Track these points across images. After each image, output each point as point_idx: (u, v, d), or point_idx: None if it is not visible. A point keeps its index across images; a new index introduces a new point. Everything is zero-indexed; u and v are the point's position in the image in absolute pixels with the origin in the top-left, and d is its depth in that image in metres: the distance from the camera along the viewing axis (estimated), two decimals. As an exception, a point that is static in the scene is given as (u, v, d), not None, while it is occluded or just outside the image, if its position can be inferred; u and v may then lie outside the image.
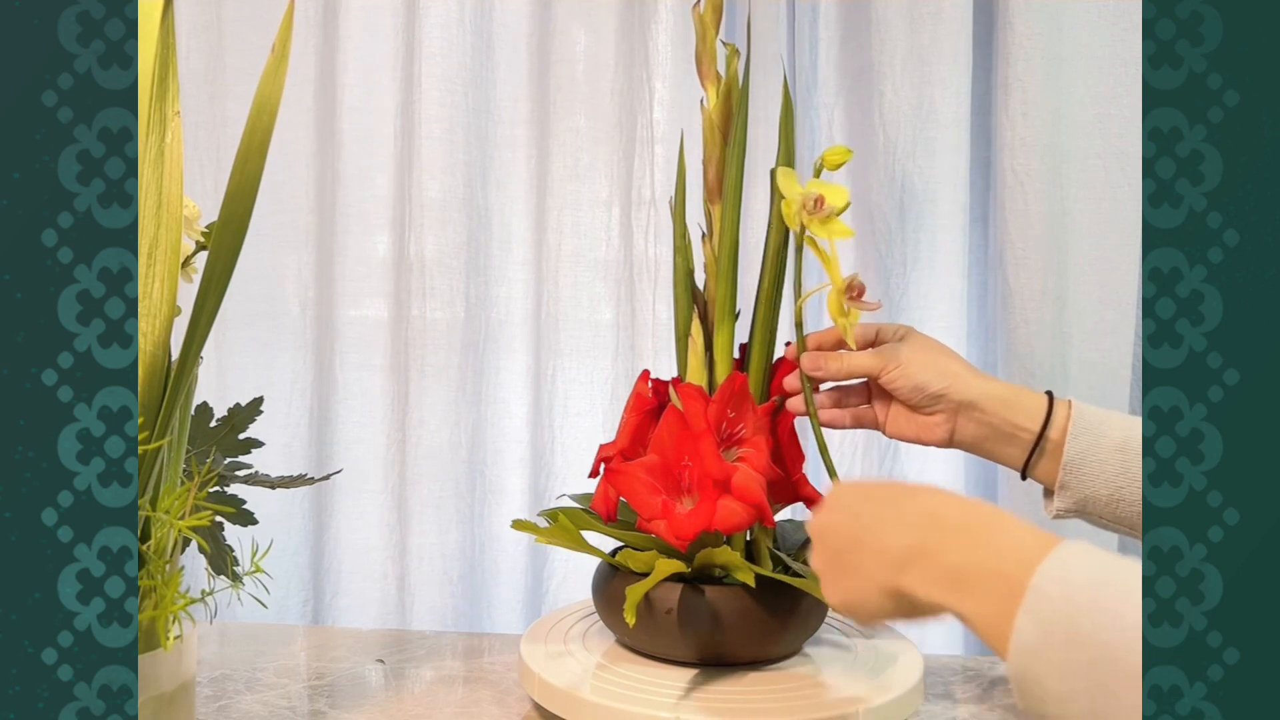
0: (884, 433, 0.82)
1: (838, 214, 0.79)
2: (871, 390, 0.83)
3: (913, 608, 0.57)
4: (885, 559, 0.58)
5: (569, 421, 1.22)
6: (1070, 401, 0.76)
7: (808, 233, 0.79)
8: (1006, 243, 1.14)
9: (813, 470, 1.20)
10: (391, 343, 1.22)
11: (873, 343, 0.83)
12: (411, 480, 1.22)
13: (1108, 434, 0.74)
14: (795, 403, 0.83)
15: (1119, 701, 0.46)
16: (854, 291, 0.79)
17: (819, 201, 0.78)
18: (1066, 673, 0.47)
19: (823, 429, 0.83)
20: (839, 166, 0.82)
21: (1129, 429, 0.74)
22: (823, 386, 0.85)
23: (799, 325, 0.81)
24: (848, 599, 0.60)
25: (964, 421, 0.78)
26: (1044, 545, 0.51)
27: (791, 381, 0.83)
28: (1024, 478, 0.78)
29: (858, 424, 0.83)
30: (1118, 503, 0.74)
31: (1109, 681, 0.46)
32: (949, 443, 0.80)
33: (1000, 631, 0.51)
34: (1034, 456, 0.77)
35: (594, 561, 0.86)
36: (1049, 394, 0.77)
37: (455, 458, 1.21)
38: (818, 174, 0.82)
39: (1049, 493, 0.77)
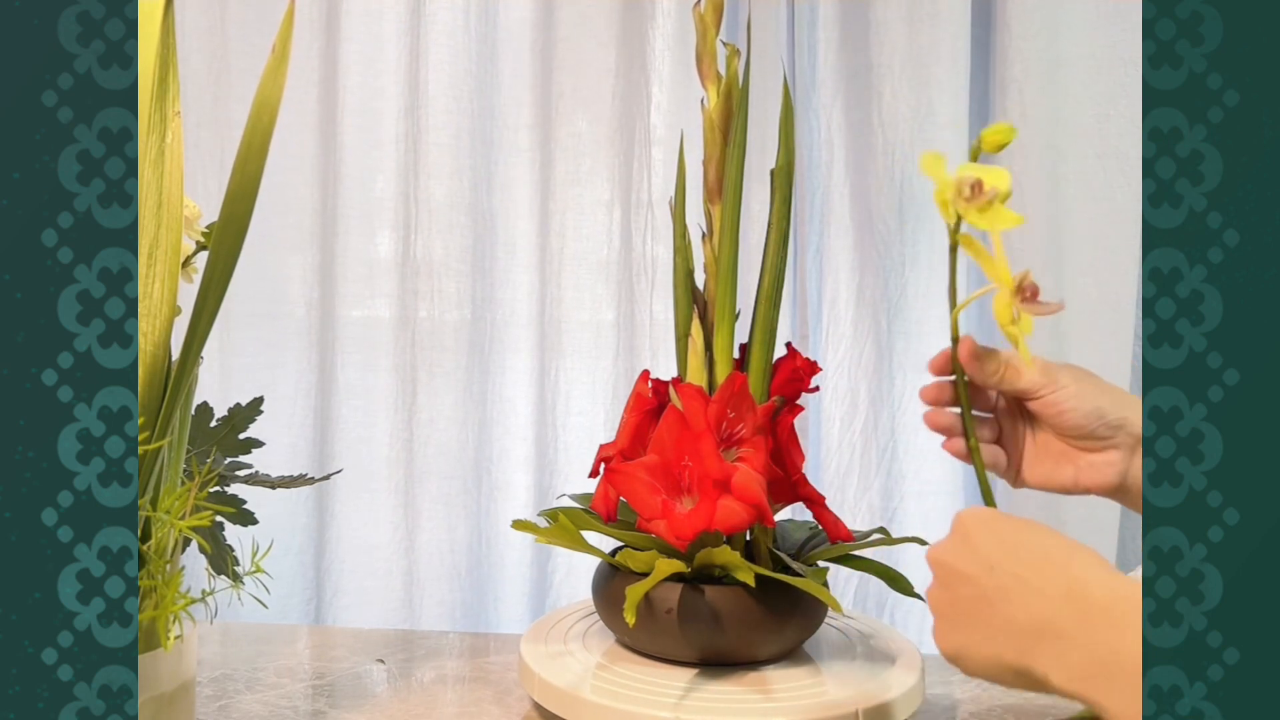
0: (1015, 480, 0.68)
1: (1002, 200, 0.66)
2: (1005, 424, 0.69)
3: (1041, 686, 0.52)
4: (1015, 630, 0.52)
5: (571, 420, 1.23)
6: None
7: (963, 227, 0.67)
8: (1004, 243, 1.14)
9: (813, 470, 1.21)
10: (398, 343, 1.23)
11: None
12: (419, 478, 1.23)
13: None
14: (936, 417, 0.67)
15: None
16: (1027, 292, 0.64)
17: (977, 186, 0.65)
18: None
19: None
20: (1001, 148, 0.70)
21: None
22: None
23: (955, 339, 0.68)
24: (964, 654, 0.55)
25: (1138, 464, 0.64)
26: None
27: (933, 392, 0.68)
28: None
29: (992, 466, 0.68)
30: None
31: None
32: (1117, 487, 0.66)
33: None
34: None
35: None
36: None
37: (463, 456, 1.23)
38: (974, 157, 0.70)
39: None
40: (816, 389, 0.86)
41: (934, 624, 0.57)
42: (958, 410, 0.67)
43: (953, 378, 0.67)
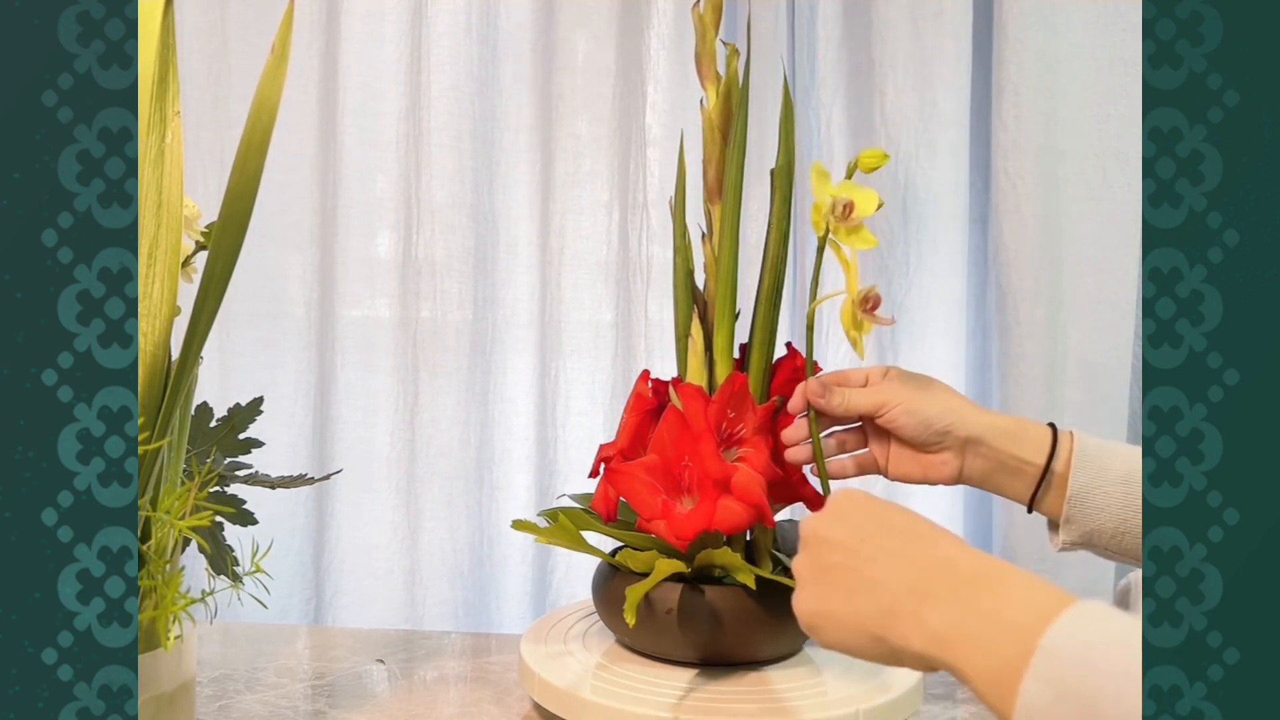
0: (886, 475, 0.79)
1: (864, 219, 0.76)
2: (869, 432, 0.79)
3: (893, 655, 0.54)
4: (880, 594, 0.55)
5: (571, 420, 1.24)
6: (1072, 433, 0.74)
7: (831, 236, 0.76)
8: (1002, 243, 1.14)
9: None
10: (400, 344, 1.24)
11: (862, 386, 0.79)
12: (422, 477, 1.24)
13: (1111, 466, 0.72)
14: (796, 452, 0.79)
15: None
16: (869, 304, 0.76)
17: (848, 207, 0.75)
18: None
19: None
20: (874, 170, 0.78)
21: (1131, 461, 0.72)
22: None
23: (810, 328, 0.79)
24: (823, 621, 0.57)
25: (971, 457, 0.75)
26: (1058, 603, 0.48)
27: (792, 434, 0.79)
28: (1030, 511, 0.75)
29: (860, 471, 0.80)
30: (1123, 535, 0.72)
31: None
32: (957, 479, 0.76)
33: (1004, 692, 0.48)
34: (1039, 490, 0.74)
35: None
36: (1052, 426, 0.75)
37: (464, 455, 1.24)
38: (849, 175, 0.78)
39: (1054, 526, 0.75)
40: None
41: (795, 591, 0.59)
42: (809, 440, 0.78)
43: (807, 413, 0.78)
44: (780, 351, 0.85)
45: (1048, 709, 0.46)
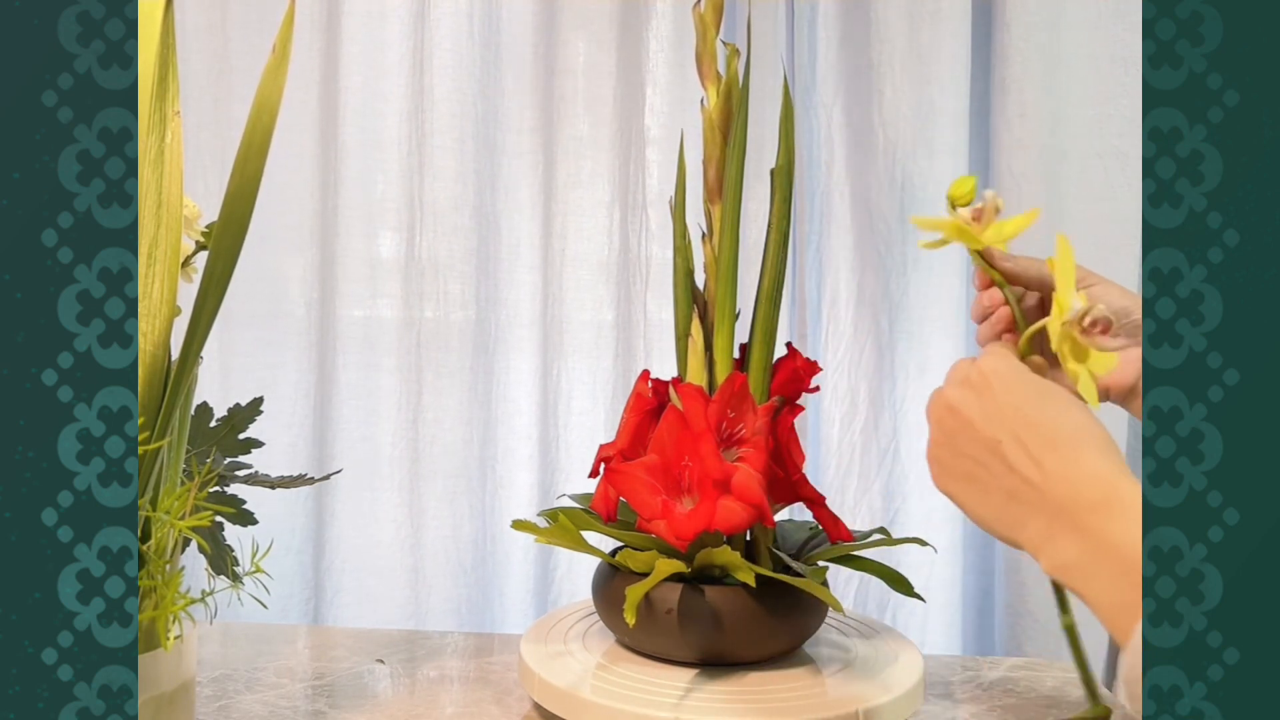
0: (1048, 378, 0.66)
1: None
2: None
3: (1025, 551, 0.55)
4: (1011, 504, 0.55)
5: (573, 420, 1.24)
6: None
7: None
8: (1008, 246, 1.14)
9: (813, 470, 1.21)
10: (403, 344, 1.24)
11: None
12: (425, 476, 1.25)
13: None
14: (985, 329, 0.69)
15: None
16: (1096, 326, 0.59)
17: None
18: None
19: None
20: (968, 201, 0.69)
21: None
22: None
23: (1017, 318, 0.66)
24: (959, 502, 0.58)
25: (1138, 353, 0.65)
26: None
27: (986, 300, 0.70)
28: None
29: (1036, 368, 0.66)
30: None
31: None
32: (1130, 391, 0.67)
33: (1121, 627, 0.49)
34: None
35: (597, 555, 0.86)
36: None
37: (468, 454, 1.25)
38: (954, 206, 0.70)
39: None
40: (816, 389, 0.86)
41: (932, 468, 0.59)
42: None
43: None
44: (780, 351, 0.85)
45: None
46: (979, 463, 0.57)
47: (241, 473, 0.83)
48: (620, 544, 0.85)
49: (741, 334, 0.85)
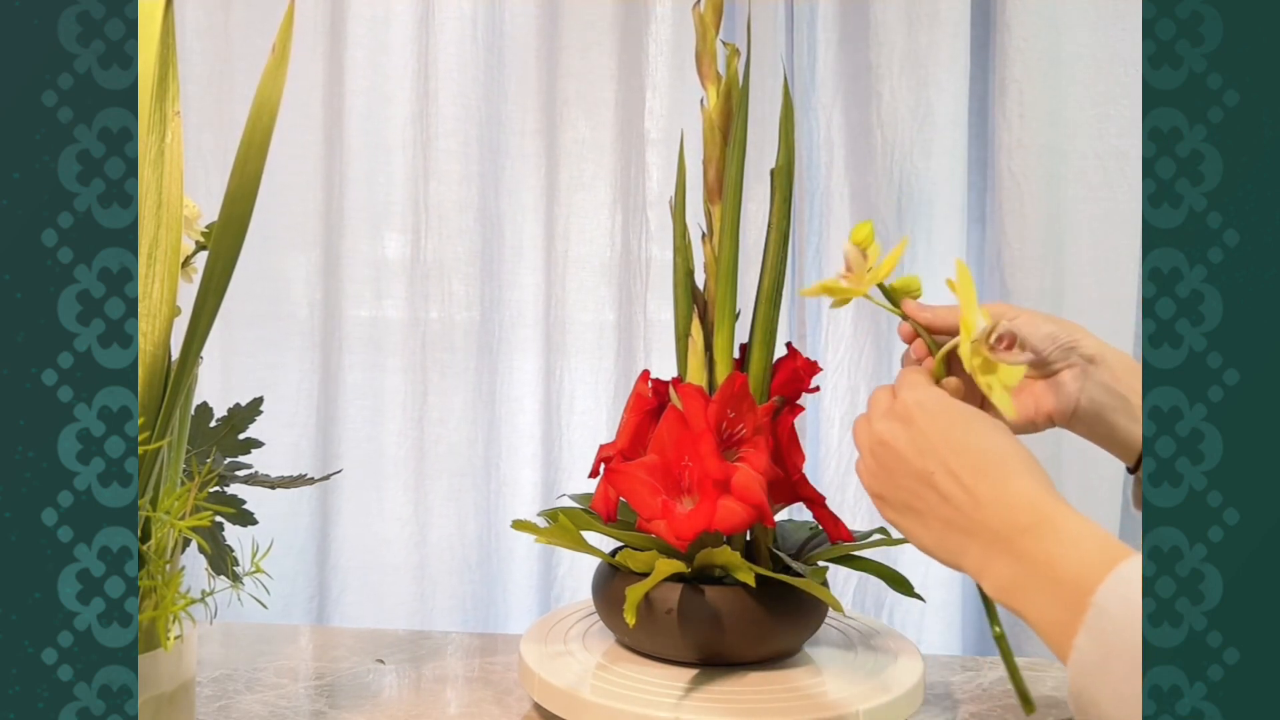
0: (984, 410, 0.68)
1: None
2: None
3: (969, 575, 0.57)
4: (950, 532, 0.57)
5: (575, 419, 1.25)
6: None
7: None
8: (1003, 243, 1.14)
9: (812, 470, 1.21)
10: (408, 344, 1.26)
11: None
12: (430, 475, 1.26)
13: None
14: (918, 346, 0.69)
15: None
16: (1002, 342, 0.62)
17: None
18: (1126, 699, 0.47)
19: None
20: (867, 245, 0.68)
21: None
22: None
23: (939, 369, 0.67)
24: (903, 531, 0.60)
25: (1091, 384, 0.67)
26: (1110, 558, 0.50)
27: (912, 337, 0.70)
28: (1133, 471, 0.68)
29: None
30: None
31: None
32: (1071, 413, 0.67)
33: (1060, 645, 0.51)
34: None
35: (599, 551, 0.87)
36: None
37: (472, 453, 1.26)
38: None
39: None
40: (816, 389, 0.86)
41: (873, 500, 0.62)
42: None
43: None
44: (780, 351, 0.85)
45: (1099, 664, 0.48)
46: (915, 494, 0.59)
47: (241, 473, 0.83)
48: (620, 544, 0.85)
49: (741, 334, 0.85)
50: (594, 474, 0.85)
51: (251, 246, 0.68)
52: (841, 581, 1.21)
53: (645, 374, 0.87)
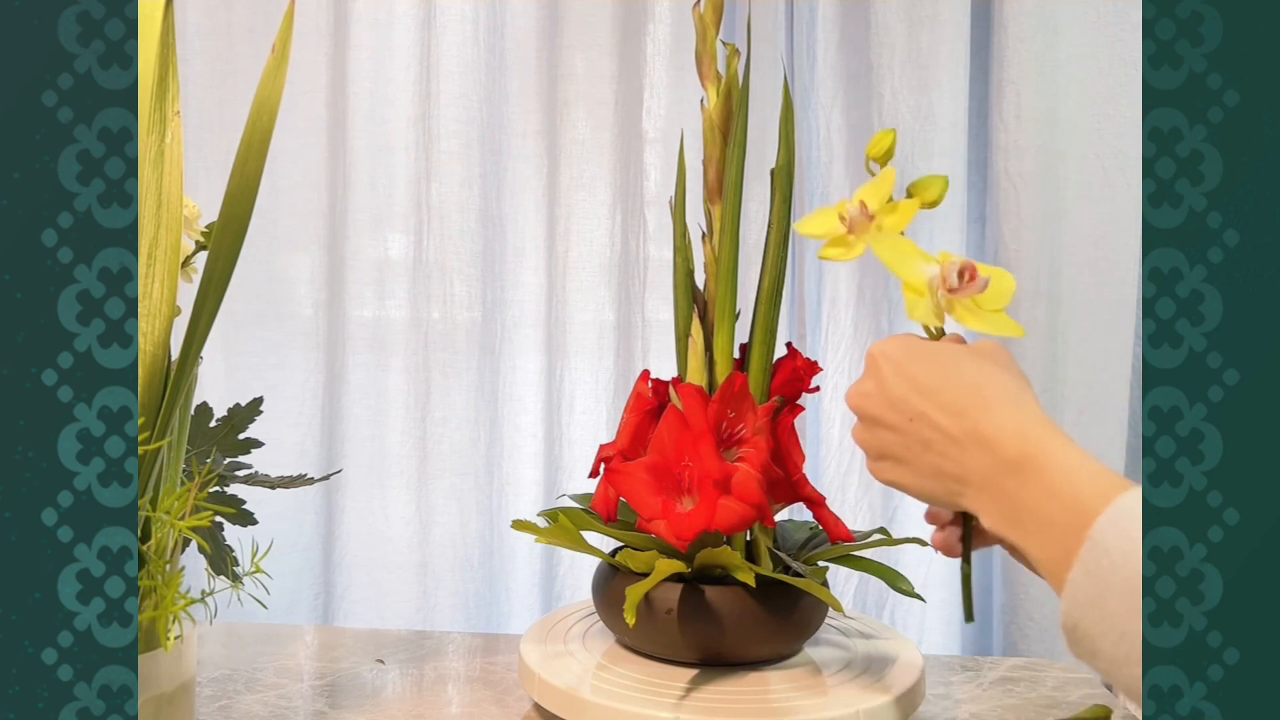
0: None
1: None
2: None
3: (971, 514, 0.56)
4: (941, 476, 0.56)
5: (575, 419, 1.26)
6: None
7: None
8: (1000, 243, 1.14)
9: (813, 470, 1.21)
10: (410, 344, 1.26)
11: None
12: (433, 474, 1.26)
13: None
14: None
15: None
16: (965, 275, 0.60)
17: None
18: (1123, 636, 0.47)
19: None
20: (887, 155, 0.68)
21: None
22: None
23: None
24: (898, 486, 0.59)
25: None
26: (1105, 490, 0.50)
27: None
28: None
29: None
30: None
31: None
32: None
33: (1056, 580, 0.50)
34: None
35: (602, 545, 0.87)
36: None
37: (474, 453, 1.27)
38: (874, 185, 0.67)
39: None
40: (817, 389, 0.86)
41: (867, 460, 0.61)
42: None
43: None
44: (780, 351, 0.85)
45: (1094, 600, 0.48)
46: (901, 445, 0.58)
47: (241, 473, 0.83)
48: (620, 544, 0.85)
49: (741, 334, 0.85)
50: (594, 474, 0.85)
51: (257, 248, 0.68)
52: (841, 581, 1.21)
53: (645, 374, 0.87)
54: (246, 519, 0.81)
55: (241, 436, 0.84)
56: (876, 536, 0.83)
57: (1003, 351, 0.60)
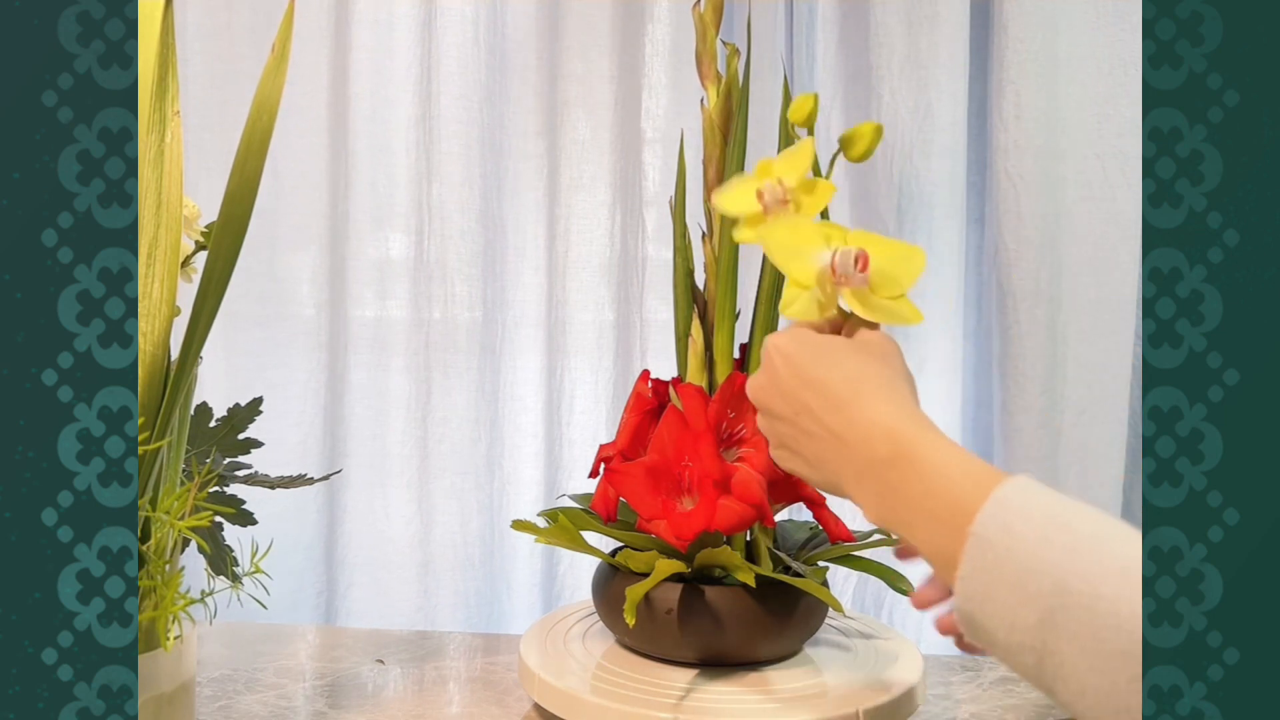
0: None
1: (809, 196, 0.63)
2: None
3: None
4: (828, 468, 0.57)
5: (575, 419, 1.26)
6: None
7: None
8: (1001, 244, 1.14)
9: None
10: (411, 344, 1.27)
11: None
12: (435, 473, 1.27)
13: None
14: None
15: (1065, 662, 0.46)
16: (859, 263, 0.60)
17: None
18: (1014, 627, 0.47)
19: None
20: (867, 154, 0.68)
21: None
22: None
23: None
24: (799, 475, 0.61)
25: None
26: (981, 483, 0.50)
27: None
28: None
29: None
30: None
31: (1057, 643, 0.46)
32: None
33: (948, 570, 0.51)
34: None
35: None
36: None
37: (475, 452, 1.27)
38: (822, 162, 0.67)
39: None
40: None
41: (769, 447, 0.63)
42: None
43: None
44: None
45: (985, 594, 0.48)
46: (790, 436, 0.60)
47: (241, 473, 0.83)
48: (620, 544, 0.85)
49: (741, 334, 0.85)
50: (594, 474, 0.85)
51: (259, 248, 0.68)
52: (841, 581, 1.21)
53: (645, 374, 0.87)
54: (246, 519, 0.81)
55: (241, 436, 0.84)
56: (876, 536, 0.83)
57: (890, 344, 0.62)
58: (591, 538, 0.84)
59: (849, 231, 0.63)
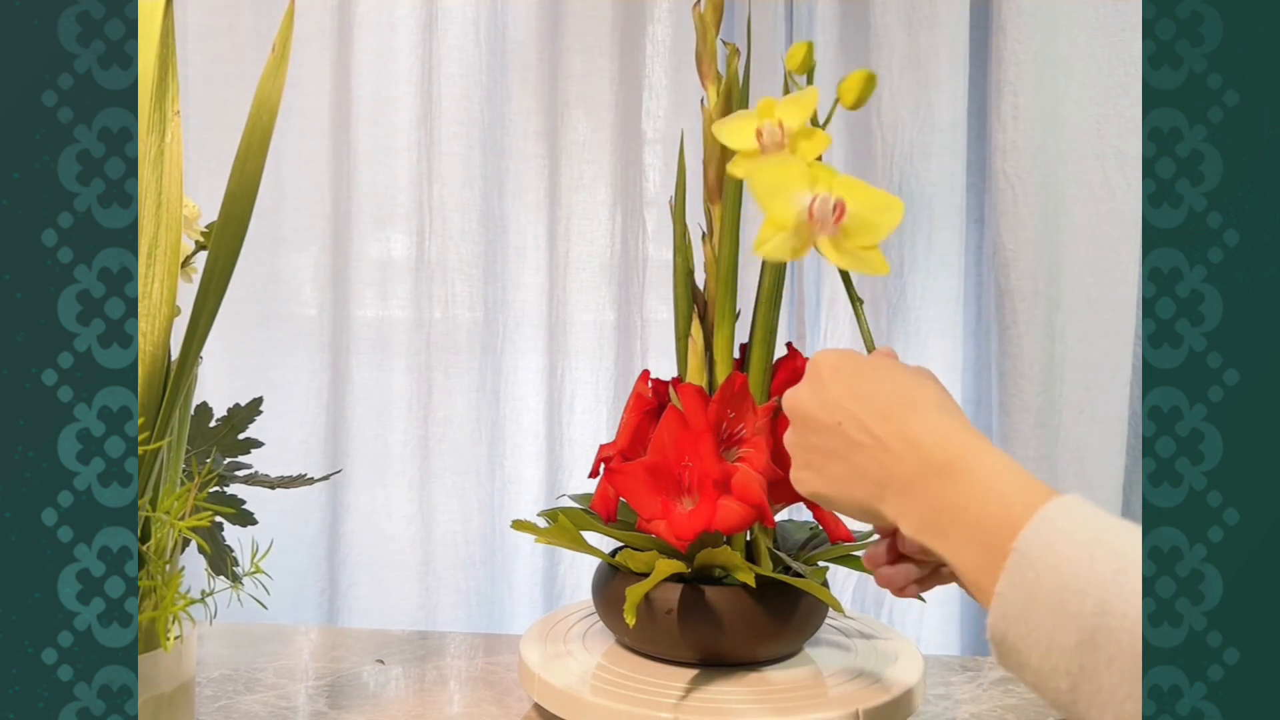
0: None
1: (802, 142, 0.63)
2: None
3: (890, 527, 0.56)
4: (866, 480, 0.56)
5: (576, 418, 1.27)
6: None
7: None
8: (999, 244, 1.14)
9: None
10: (413, 344, 1.27)
11: None
12: (436, 473, 1.27)
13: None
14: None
15: (1103, 689, 0.44)
16: (837, 212, 0.61)
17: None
18: (1050, 649, 0.46)
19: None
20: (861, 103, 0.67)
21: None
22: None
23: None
24: (822, 496, 0.59)
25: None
26: (1030, 499, 0.49)
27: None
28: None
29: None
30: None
31: (1095, 667, 0.45)
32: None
33: (983, 588, 0.49)
34: None
35: (605, 541, 0.87)
36: None
37: (476, 452, 1.27)
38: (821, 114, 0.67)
39: None
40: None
41: (791, 468, 0.61)
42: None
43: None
44: (780, 351, 0.85)
45: (1022, 613, 0.47)
46: (827, 450, 0.58)
47: (241, 473, 0.83)
48: (620, 544, 0.85)
49: (741, 334, 0.85)
50: (594, 474, 0.85)
51: (261, 249, 0.68)
52: (841, 581, 1.21)
53: (645, 374, 0.87)
54: (246, 519, 0.81)
55: (242, 436, 0.84)
56: (876, 536, 0.83)
57: (933, 374, 0.61)
58: (592, 538, 0.84)
59: (836, 175, 0.63)
